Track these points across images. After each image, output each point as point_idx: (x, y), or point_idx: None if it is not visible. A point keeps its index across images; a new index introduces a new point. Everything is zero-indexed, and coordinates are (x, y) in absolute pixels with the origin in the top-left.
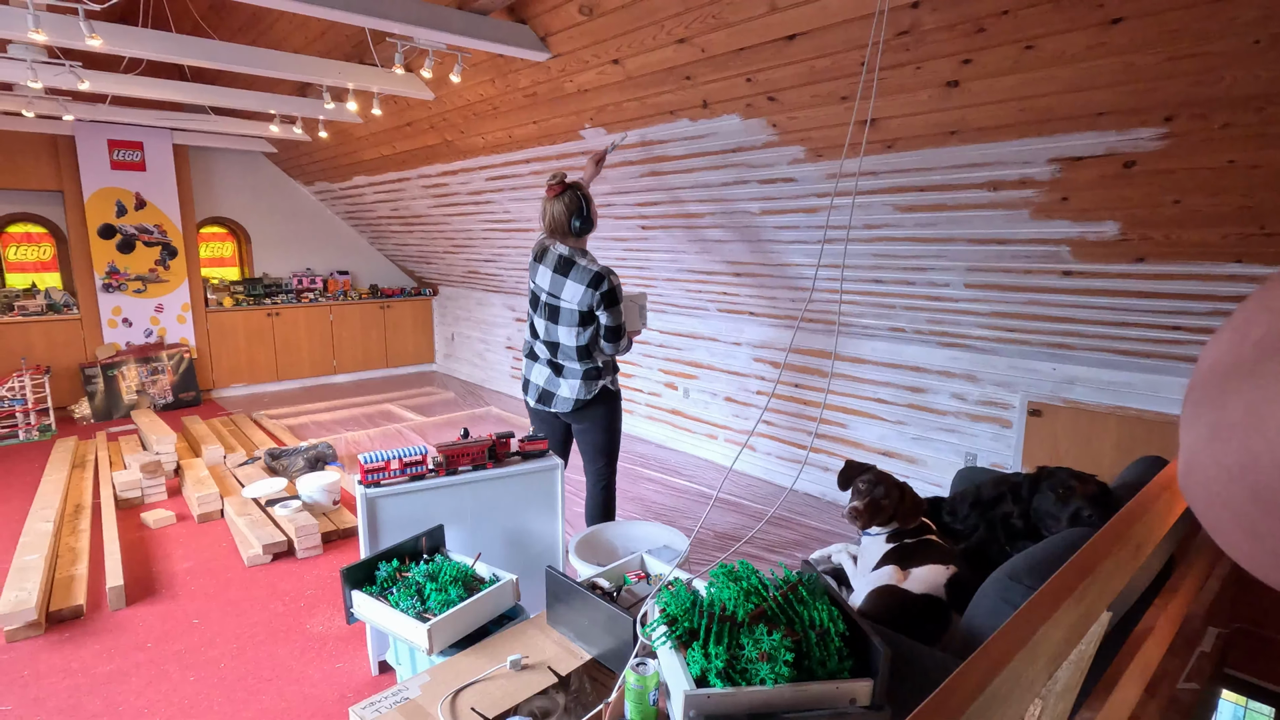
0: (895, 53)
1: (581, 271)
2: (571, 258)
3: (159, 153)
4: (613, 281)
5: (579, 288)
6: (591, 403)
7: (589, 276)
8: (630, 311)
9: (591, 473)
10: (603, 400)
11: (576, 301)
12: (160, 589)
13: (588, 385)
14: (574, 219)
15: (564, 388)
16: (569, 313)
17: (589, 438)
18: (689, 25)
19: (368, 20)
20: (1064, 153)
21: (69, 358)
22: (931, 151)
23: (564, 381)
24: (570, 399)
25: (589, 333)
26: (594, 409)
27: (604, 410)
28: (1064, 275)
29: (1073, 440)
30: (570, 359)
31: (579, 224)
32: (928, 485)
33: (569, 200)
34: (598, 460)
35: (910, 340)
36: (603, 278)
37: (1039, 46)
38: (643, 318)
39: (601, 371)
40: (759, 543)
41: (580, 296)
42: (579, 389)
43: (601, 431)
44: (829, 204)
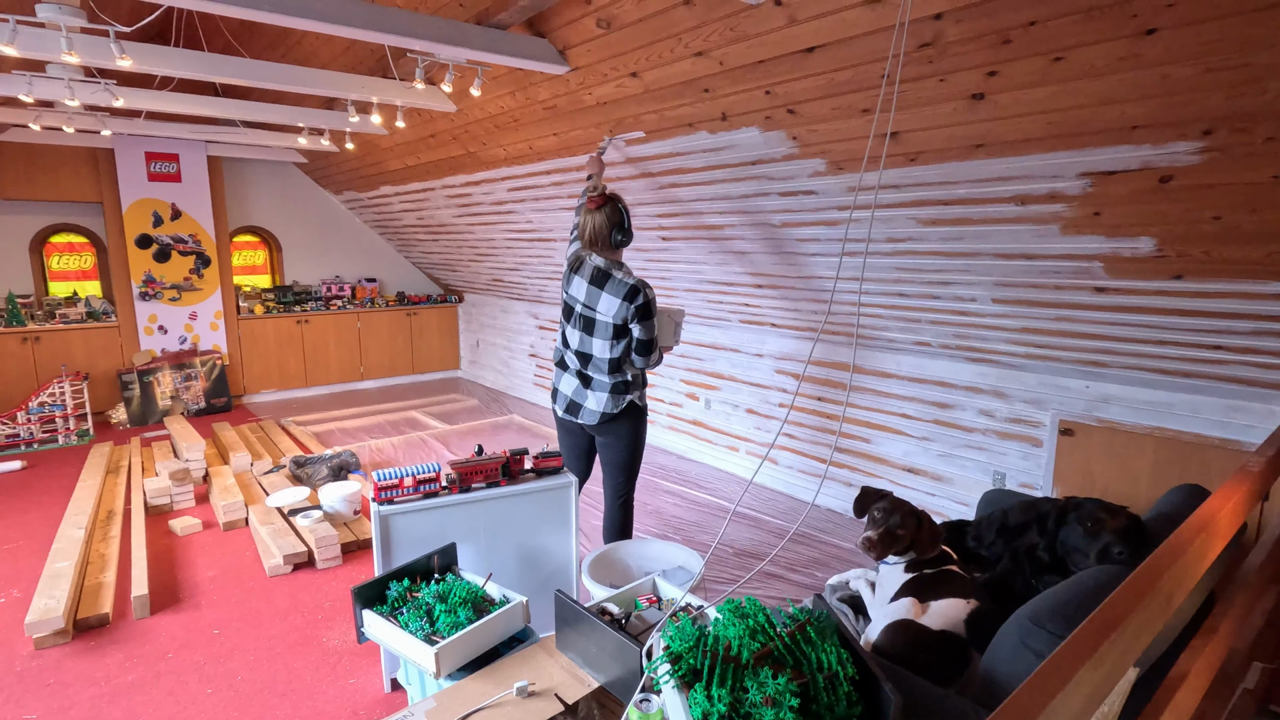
0: (918, 65)
1: (617, 284)
2: (608, 270)
3: (194, 164)
4: (648, 295)
5: (614, 300)
6: (617, 417)
7: (625, 289)
8: (665, 326)
9: (610, 488)
10: (628, 415)
11: (611, 314)
12: (184, 598)
13: (615, 399)
14: (615, 232)
15: (591, 400)
16: (603, 325)
17: (611, 453)
18: (707, 38)
19: (390, 38)
20: (1095, 167)
21: (107, 364)
22: (956, 165)
23: (591, 394)
24: (597, 411)
25: (622, 345)
26: (619, 423)
27: (629, 426)
28: (1096, 292)
29: (1107, 462)
30: (600, 371)
31: (620, 236)
32: (954, 505)
33: (610, 212)
34: (618, 476)
35: (936, 355)
36: (638, 290)
37: (1069, 58)
38: (676, 335)
39: (630, 385)
40: (780, 561)
41: (615, 309)
42: (606, 402)
43: (624, 447)
44: (848, 217)
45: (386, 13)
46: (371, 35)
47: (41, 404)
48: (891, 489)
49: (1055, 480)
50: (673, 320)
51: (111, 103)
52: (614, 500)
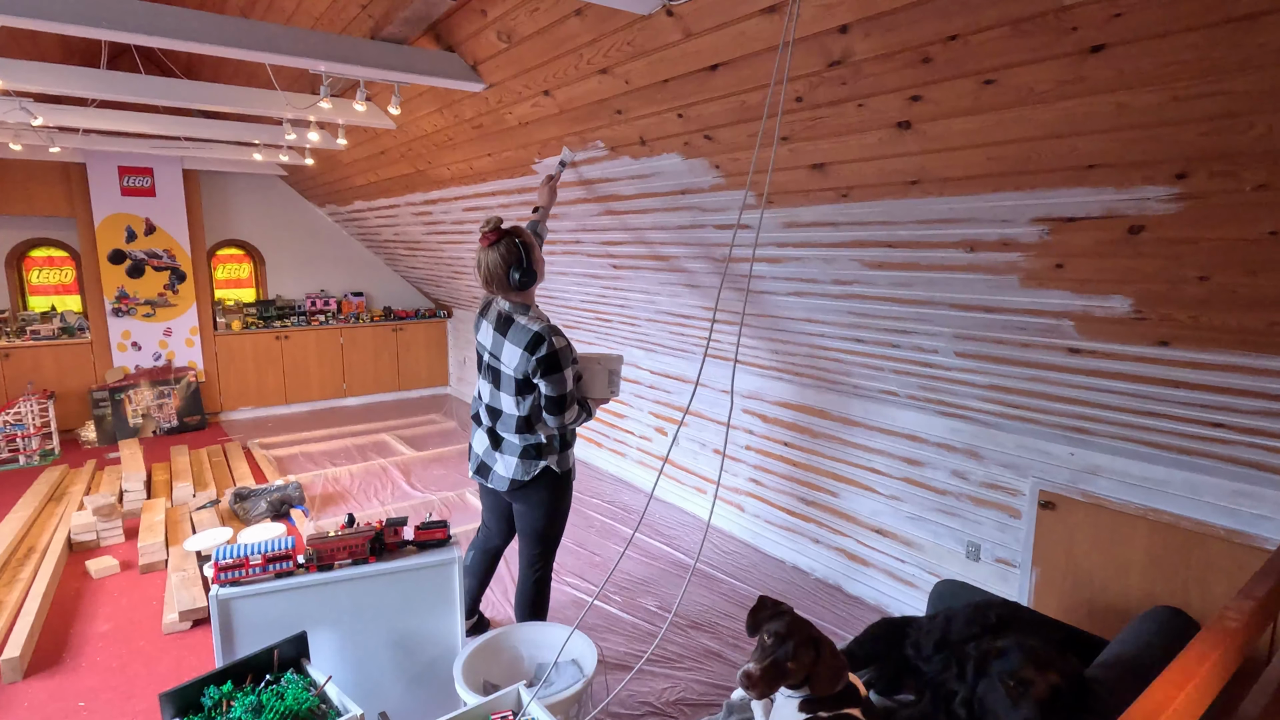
0: (832, 87)
1: (520, 331)
2: (511, 315)
3: (169, 179)
4: (555, 344)
5: (515, 351)
6: (529, 485)
7: (527, 337)
8: (595, 377)
9: (524, 558)
10: (544, 483)
11: (513, 367)
12: (66, 658)
13: (525, 465)
14: (512, 270)
15: (500, 464)
16: (508, 379)
17: (525, 521)
18: (606, 54)
19: (270, 57)
20: (1050, 211)
21: (79, 381)
22: (892, 203)
23: (500, 457)
24: (506, 478)
25: (529, 403)
26: (533, 492)
27: (546, 494)
28: (1070, 353)
29: (1093, 542)
30: (509, 430)
31: (518, 276)
32: (925, 575)
33: (505, 250)
34: (533, 547)
35: (904, 405)
36: (542, 339)
37: (1001, 81)
38: (613, 384)
39: (543, 449)
40: (724, 634)
41: (516, 361)
42: (516, 468)
43: (540, 516)
44: (751, 254)
45: (258, 29)
46: (242, 53)
47: (4, 423)
48: (859, 550)
49: (1035, 559)
50: (605, 369)
51: (31, 121)
52: (527, 573)
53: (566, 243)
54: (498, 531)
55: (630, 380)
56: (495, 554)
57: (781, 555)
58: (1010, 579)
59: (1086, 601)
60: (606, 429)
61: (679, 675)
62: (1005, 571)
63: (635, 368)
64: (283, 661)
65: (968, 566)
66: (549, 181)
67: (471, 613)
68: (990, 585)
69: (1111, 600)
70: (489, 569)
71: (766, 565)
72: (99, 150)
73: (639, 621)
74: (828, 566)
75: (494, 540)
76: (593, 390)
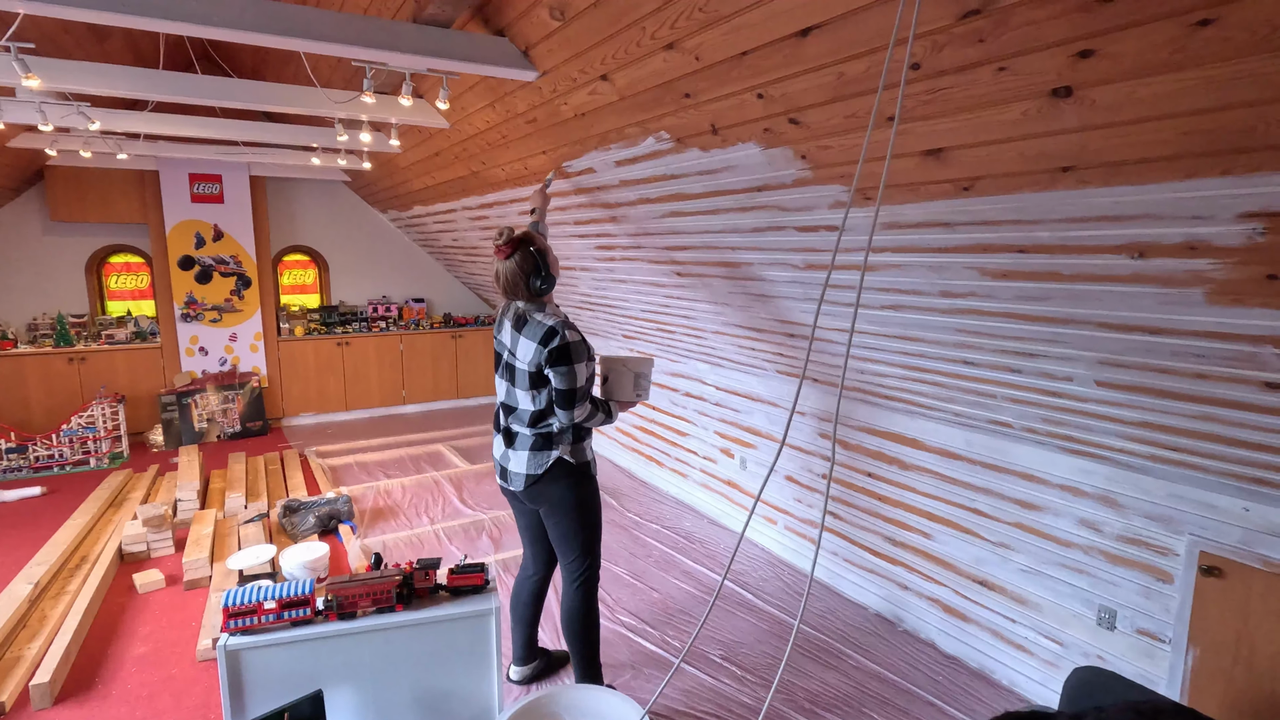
0: (962, 46)
1: (535, 326)
2: (528, 312)
3: (236, 185)
4: (567, 337)
5: (530, 345)
6: (545, 479)
7: (541, 331)
8: (621, 379)
9: (564, 569)
10: (561, 475)
11: (528, 361)
12: (98, 683)
13: (536, 457)
14: (531, 279)
15: (514, 461)
16: (522, 374)
17: (552, 524)
18: (674, 24)
19: (300, 44)
20: (1270, 204)
21: (149, 385)
22: (1032, 197)
23: (514, 454)
24: (521, 474)
25: (543, 396)
26: (551, 487)
27: (564, 488)
28: (1267, 388)
29: (1276, 622)
30: (522, 425)
31: (539, 283)
32: (1041, 640)
33: (521, 260)
34: (569, 553)
35: (1019, 439)
36: (555, 333)
37: (1226, 17)
38: (640, 388)
39: (553, 439)
40: (797, 694)
41: (530, 354)
42: (528, 461)
43: (564, 516)
44: (865, 259)
45: (291, 13)
46: (266, 39)
47: (78, 426)
48: (958, 603)
49: (1193, 637)
50: (631, 371)
51: (89, 125)
52: (570, 584)
53: (626, 248)
54: (534, 556)
55: (694, 396)
56: (538, 584)
57: (864, 600)
58: (1157, 657)
59: (1267, 698)
60: (668, 447)
61: None
62: (1150, 647)
63: (700, 383)
64: None
65: (1099, 636)
66: (541, 189)
67: (527, 657)
68: (1131, 660)
69: None
70: (534, 602)
71: (846, 611)
72: (170, 157)
73: (698, 673)
74: (919, 618)
75: (530, 567)
76: (618, 392)
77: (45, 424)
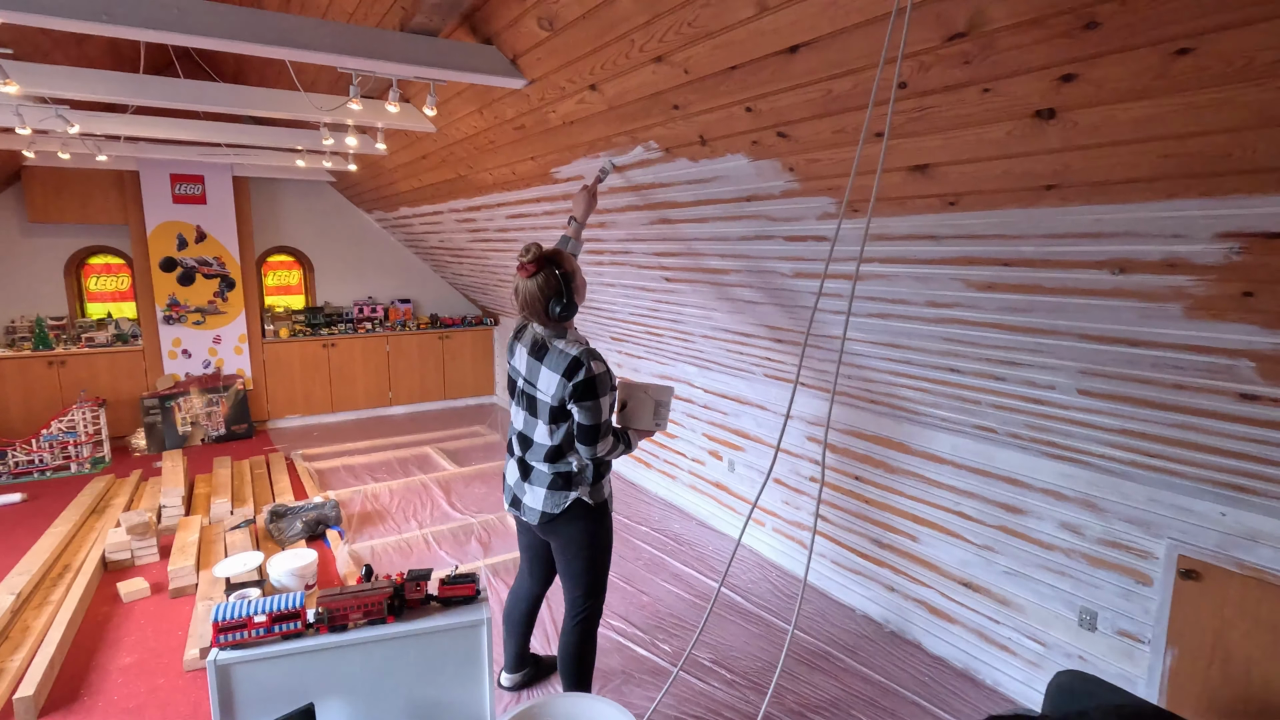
0: (948, 67)
1: (557, 356)
2: (548, 339)
3: (219, 186)
4: (593, 369)
5: (553, 376)
6: (561, 519)
7: (565, 362)
8: (641, 406)
9: (567, 603)
10: (579, 516)
11: (550, 394)
12: (83, 695)
13: (554, 497)
14: (552, 303)
15: (529, 495)
16: (544, 406)
17: (563, 560)
18: (662, 38)
19: (288, 53)
20: (1247, 225)
21: (131, 389)
22: (1018, 213)
23: (529, 488)
24: (537, 510)
25: (563, 431)
26: (566, 527)
27: (579, 529)
28: (1242, 399)
29: (1253, 626)
30: (539, 459)
31: (559, 309)
32: (1024, 641)
33: (544, 281)
34: (573, 590)
35: (1003, 444)
36: (580, 364)
37: (1202, 48)
38: (659, 416)
39: (573, 480)
40: (787, 699)
41: (554, 388)
42: (545, 500)
43: (575, 554)
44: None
45: (276, 21)
46: (252, 48)
47: (58, 430)
48: (943, 604)
49: (1170, 639)
50: (652, 399)
51: (68, 129)
52: (570, 620)
53: (615, 253)
54: (532, 574)
55: (682, 399)
56: (533, 601)
57: (851, 602)
58: (1137, 657)
59: (1241, 697)
60: (657, 449)
61: None
62: (1130, 648)
63: (689, 385)
64: None
65: (1081, 637)
66: (584, 191)
67: (519, 665)
68: (1111, 661)
69: (1277, 701)
70: (528, 616)
71: (834, 613)
72: (151, 158)
73: (689, 678)
74: (904, 619)
75: (527, 585)
76: (636, 420)
77: (24, 429)
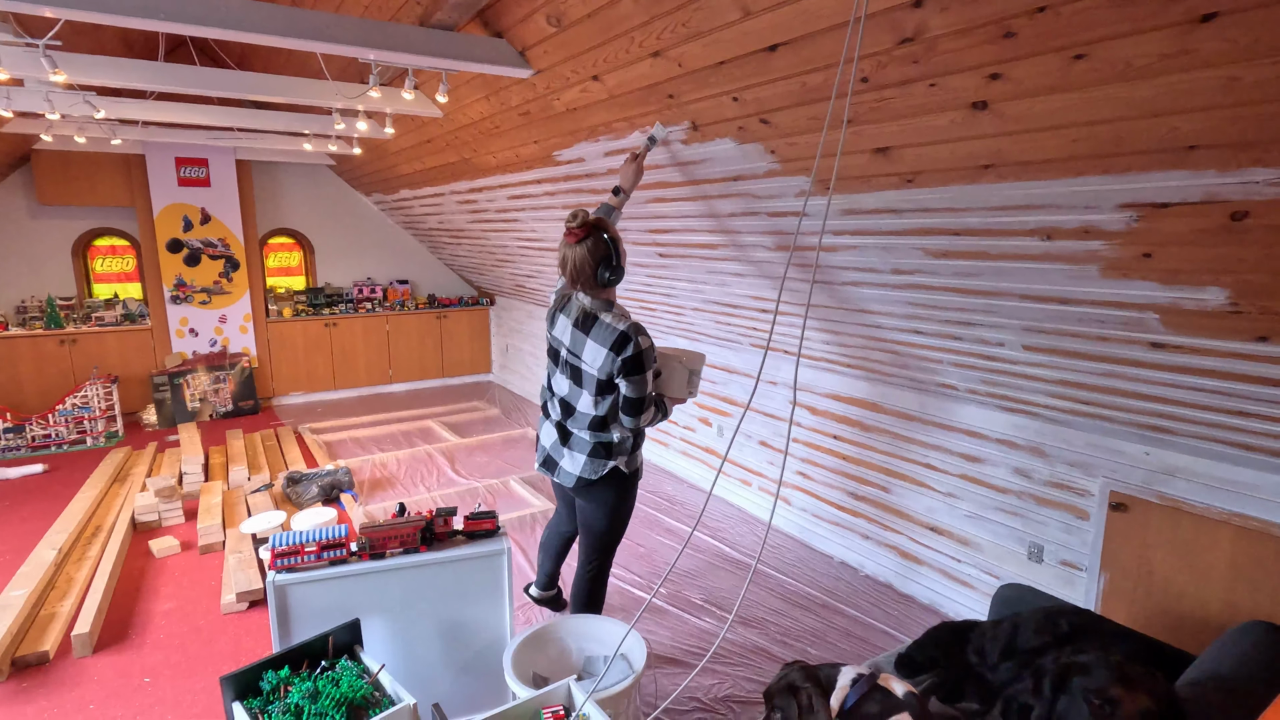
0: (901, 66)
1: (604, 330)
2: (594, 312)
3: (223, 169)
4: (640, 344)
5: (600, 350)
6: (596, 484)
7: (612, 336)
8: (674, 375)
9: (583, 553)
10: (611, 483)
11: (596, 367)
12: (132, 634)
13: (594, 464)
14: (601, 269)
15: (568, 460)
16: (590, 378)
17: (586, 517)
18: (659, 36)
19: (314, 44)
20: (1141, 197)
21: (140, 366)
22: (962, 189)
23: (568, 453)
24: (573, 474)
25: (608, 403)
26: (599, 491)
27: (611, 494)
28: (1152, 348)
29: (1170, 548)
30: (581, 427)
31: (608, 274)
32: (984, 576)
33: (593, 246)
34: (592, 544)
35: (963, 399)
36: (628, 339)
37: (1093, 55)
38: (692, 385)
39: (613, 449)
40: (771, 630)
41: (601, 361)
42: (584, 466)
43: (602, 516)
44: (819, 241)
45: (310, 18)
46: (290, 42)
47: (72, 405)
48: (913, 548)
49: (1104, 564)
50: (686, 368)
51: (94, 114)
52: (584, 569)
53: None
54: (568, 519)
55: None
56: (568, 539)
57: (830, 551)
58: (1076, 583)
59: (1160, 611)
60: None
61: (726, 671)
62: (1070, 575)
63: None
64: (337, 648)
65: (1029, 568)
66: (633, 160)
67: (549, 585)
68: (1054, 589)
69: (1188, 611)
70: (563, 549)
71: (814, 561)
72: (157, 141)
73: (684, 615)
74: (878, 564)
75: (564, 523)
76: (670, 389)
77: (39, 405)
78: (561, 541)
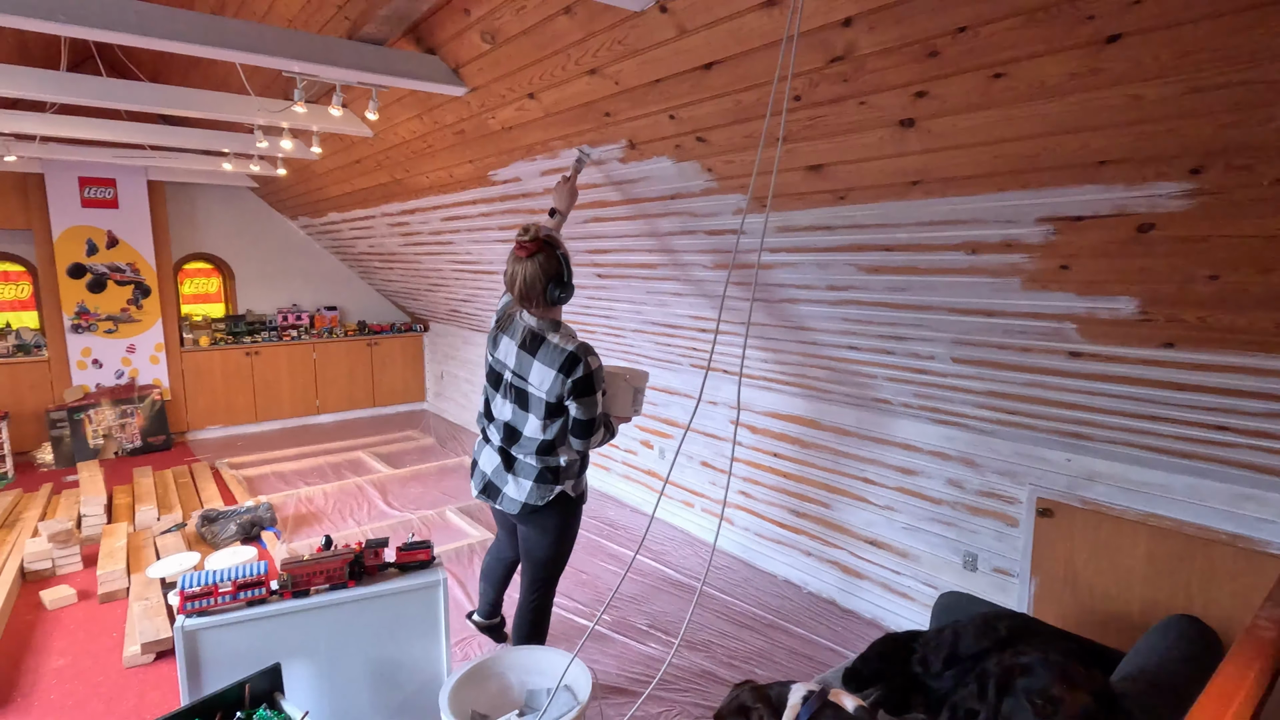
0: (833, 84)
1: (552, 351)
2: (541, 333)
3: (133, 190)
4: (590, 364)
5: (548, 372)
6: (541, 510)
7: (561, 358)
8: (620, 395)
9: (525, 583)
10: (557, 508)
11: (545, 389)
12: (17, 697)
13: (540, 489)
14: (552, 286)
15: (512, 486)
16: (537, 401)
17: (531, 546)
18: (595, 54)
19: (240, 56)
20: (1056, 211)
21: (35, 401)
22: (892, 205)
23: (513, 479)
24: (518, 501)
25: (557, 426)
26: (545, 517)
27: (556, 521)
28: (1071, 357)
29: (1093, 549)
30: (528, 452)
31: (559, 292)
32: (922, 588)
33: (545, 262)
34: (535, 573)
35: (898, 413)
36: (578, 360)
37: (1011, 74)
38: (637, 403)
39: (560, 473)
40: (718, 652)
41: (549, 384)
42: (530, 492)
43: (547, 544)
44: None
45: (231, 26)
46: (209, 51)
47: None
48: (853, 563)
49: (1034, 568)
50: (631, 386)
51: None
52: (527, 598)
53: None
54: (509, 545)
55: None
56: (510, 565)
57: (774, 570)
58: (1009, 589)
59: (1088, 611)
60: None
61: (674, 698)
62: (1004, 581)
63: None
64: (255, 696)
65: (965, 577)
66: (565, 183)
67: (493, 613)
68: (989, 596)
69: (1113, 609)
70: (505, 576)
71: (758, 580)
72: (58, 160)
73: (630, 641)
74: (821, 580)
75: (506, 553)
76: (615, 408)
77: None
78: (504, 568)
